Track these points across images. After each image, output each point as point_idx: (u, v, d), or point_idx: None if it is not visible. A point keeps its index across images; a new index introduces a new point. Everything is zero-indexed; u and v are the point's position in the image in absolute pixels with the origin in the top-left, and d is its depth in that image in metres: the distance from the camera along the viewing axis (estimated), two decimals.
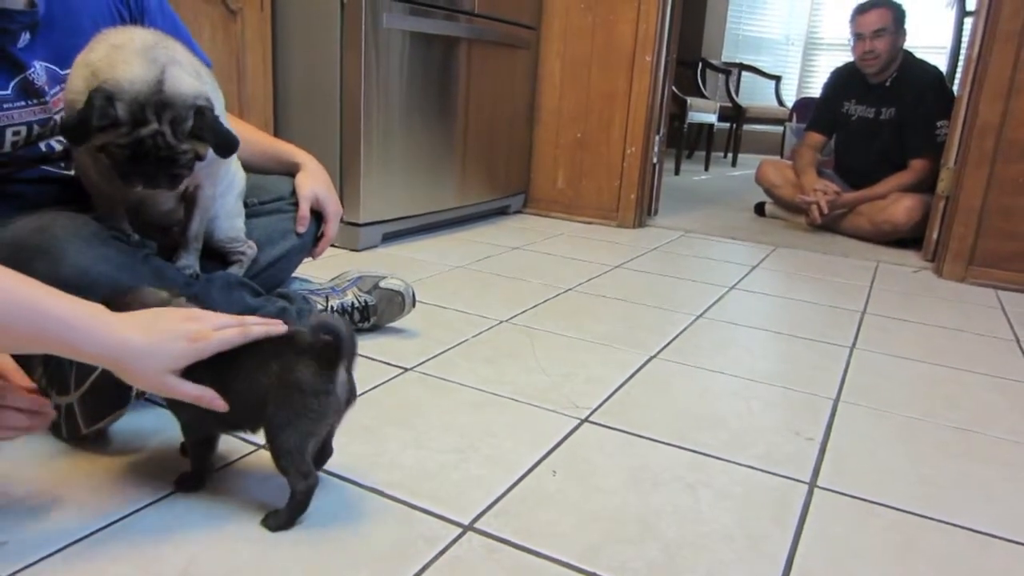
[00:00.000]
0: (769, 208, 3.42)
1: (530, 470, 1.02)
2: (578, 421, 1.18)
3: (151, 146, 0.91)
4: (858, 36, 2.93)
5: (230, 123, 1.39)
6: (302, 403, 0.82)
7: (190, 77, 0.95)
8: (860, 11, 2.95)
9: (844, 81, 3.13)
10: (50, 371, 1.00)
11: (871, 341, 1.67)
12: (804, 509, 0.97)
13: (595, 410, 1.22)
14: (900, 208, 2.79)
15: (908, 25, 2.93)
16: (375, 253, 2.24)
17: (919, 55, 3.00)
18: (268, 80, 2.19)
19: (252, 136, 1.35)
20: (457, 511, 0.91)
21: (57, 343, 0.74)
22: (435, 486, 0.96)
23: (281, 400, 0.82)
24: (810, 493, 1.00)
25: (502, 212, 3.04)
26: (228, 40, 2.06)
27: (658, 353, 1.51)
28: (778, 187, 3.29)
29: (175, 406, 0.88)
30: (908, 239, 2.82)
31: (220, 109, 1.03)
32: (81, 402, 0.97)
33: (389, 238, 2.38)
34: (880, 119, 2.98)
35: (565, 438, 1.12)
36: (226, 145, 0.97)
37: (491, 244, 2.47)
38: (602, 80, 2.90)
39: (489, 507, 0.92)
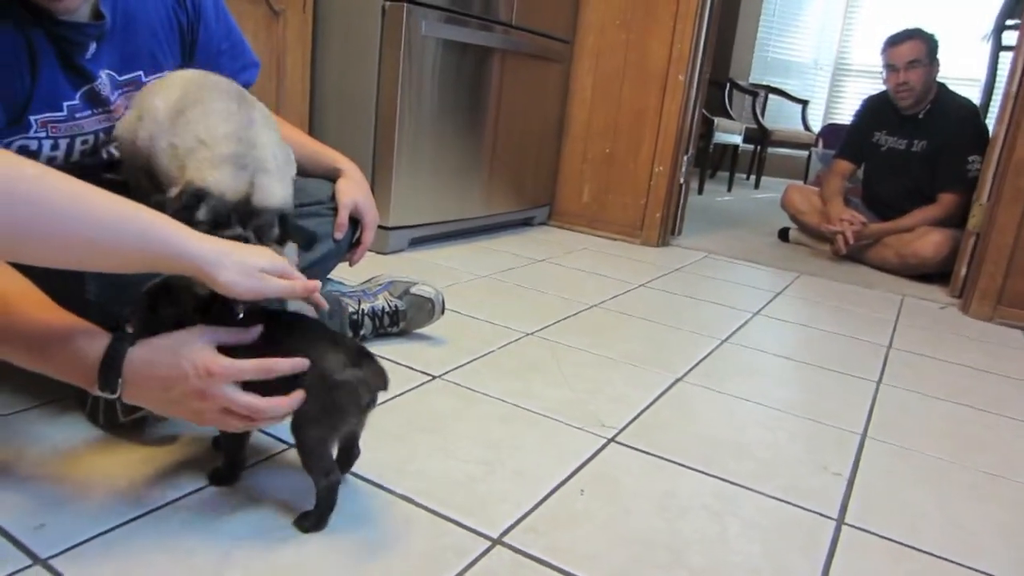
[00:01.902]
0: (793, 234, 3.41)
1: (558, 487, 1.02)
2: (605, 440, 1.18)
3: None
4: (891, 67, 2.92)
5: (282, 127, 1.41)
6: (324, 400, 0.82)
7: (278, 184, 0.94)
8: (893, 42, 2.93)
9: (876, 111, 3.12)
10: None
11: (897, 377, 1.66)
12: (832, 546, 0.96)
13: (622, 430, 1.22)
14: (928, 242, 2.77)
15: (941, 56, 2.92)
16: (402, 257, 2.25)
17: (951, 87, 2.98)
18: (306, 81, 2.22)
19: (298, 139, 1.37)
20: (486, 524, 0.91)
21: (160, 255, 0.75)
22: (463, 497, 0.96)
23: (307, 394, 0.83)
24: (838, 530, 1.00)
25: (526, 223, 3.04)
26: (270, 40, 2.08)
27: (684, 376, 1.51)
28: (804, 214, 3.27)
29: None
30: (934, 273, 2.80)
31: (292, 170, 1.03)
32: None
33: (416, 243, 2.39)
34: (911, 151, 2.97)
35: (592, 457, 1.12)
36: (309, 243, 0.97)
37: (515, 255, 2.47)
38: (633, 97, 2.91)
39: (518, 522, 0.92)
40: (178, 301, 0.86)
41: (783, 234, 3.46)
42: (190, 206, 0.87)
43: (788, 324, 2.05)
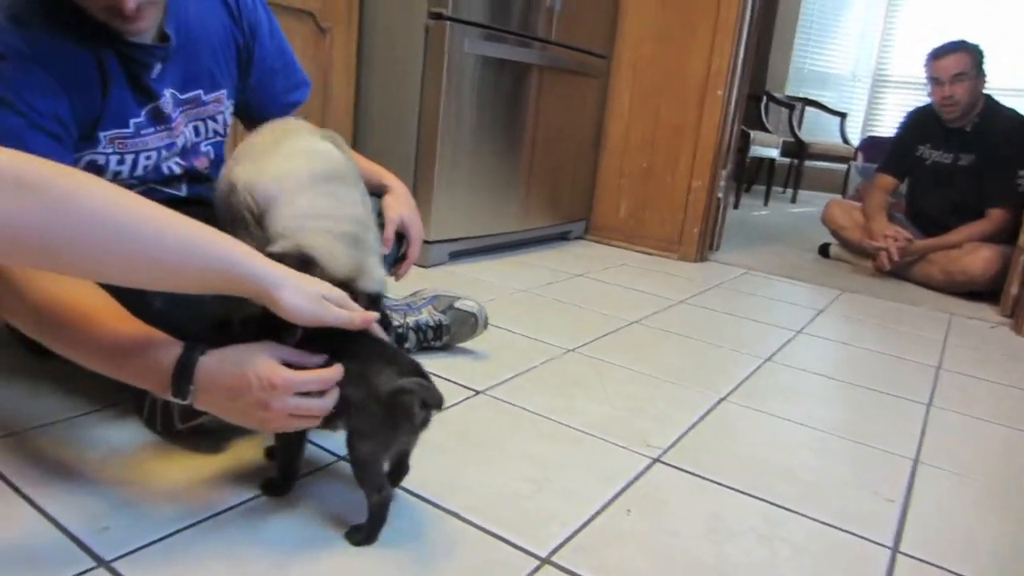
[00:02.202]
0: (834, 250, 3.36)
1: (605, 506, 1.02)
2: (650, 460, 1.17)
3: None
4: (936, 81, 2.87)
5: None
6: (379, 416, 0.83)
7: (379, 268, 0.97)
8: (936, 56, 2.88)
9: (921, 124, 3.07)
10: None
11: (949, 399, 1.63)
12: (888, 575, 0.94)
13: (667, 450, 1.21)
14: (977, 259, 2.71)
15: (987, 66, 2.86)
16: (442, 270, 2.26)
17: (999, 98, 2.92)
18: (351, 97, 2.25)
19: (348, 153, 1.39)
20: (534, 542, 0.91)
21: (227, 277, 0.77)
22: (511, 514, 0.96)
23: (361, 409, 0.84)
24: (893, 559, 0.98)
25: (563, 237, 3.04)
26: (317, 56, 2.12)
27: (727, 395, 1.49)
28: (845, 229, 3.23)
29: None
30: (982, 291, 2.74)
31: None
32: None
33: (455, 256, 2.40)
34: (958, 165, 2.91)
35: (638, 477, 1.11)
36: (387, 327, 1.00)
37: (553, 270, 2.47)
38: (671, 112, 2.90)
39: (566, 541, 0.92)
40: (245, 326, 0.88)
41: (824, 250, 3.41)
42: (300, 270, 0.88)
43: (832, 343, 2.02)
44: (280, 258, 0.88)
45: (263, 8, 1.33)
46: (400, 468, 0.96)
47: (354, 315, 0.84)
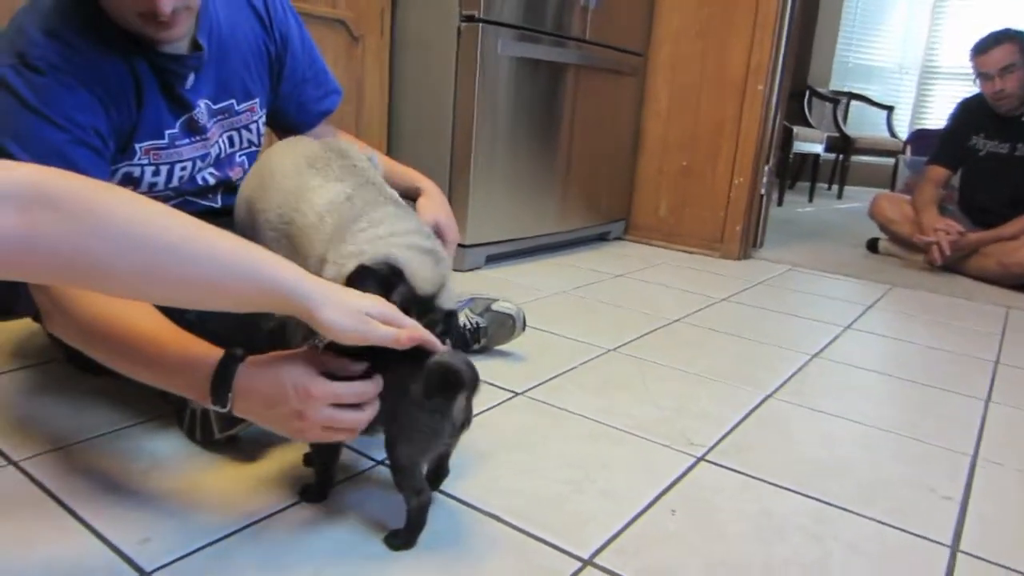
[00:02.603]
0: (883, 244, 3.26)
1: (647, 507, 0.99)
2: (694, 459, 1.14)
3: None
4: (984, 76, 2.77)
5: (354, 143, 1.44)
6: (418, 419, 0.82)
7: (455, 286, 0.95)
8: (981, 50, 2.77)
9: (973, 113, 2.96)
10: None
11: (1008, 395, 1.55)
12: (948, 575, 0.90)
13: (711, 448, 1.18)
14: None
15: None
16: (479, 274, 2.26)
17: None
18: (384, 103, 2.26)
19: (379, 160, 1.39)
20: (576, 544, 0.89)
21: (268, 295, 0.75)
22: (551, 516, 0.95)
23: (400, 414, 0.83)
24: (953, 558, 0.93)
25: (602, 238, 3.02)
26: (350, 64, 2.13)
27: (774, 392, 1.45)
28: (895, 223, 3.13)
29: None
30: None
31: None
32: None
33: (492, 259, 2.40)
34: (1015, 155, 2.80)
35: (682, 476, 1.09)
36: (464, 343, 0.98)
37: (593, 270, 2.45)
38: (711, 108, 2.86)
39: (608, 542, 0.90)
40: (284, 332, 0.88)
41: (872, 245, 3.32)
42: (390, 284, 0.85)
43: (882, 338, 1.95)
44: (368, 272, 0.86)
45: (294, 17, 1.35)
46: (440, 471, 0.96)
47: (400, 332, 0.80)
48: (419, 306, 0.89)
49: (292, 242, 1.00)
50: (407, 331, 0.80)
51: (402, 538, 0.85)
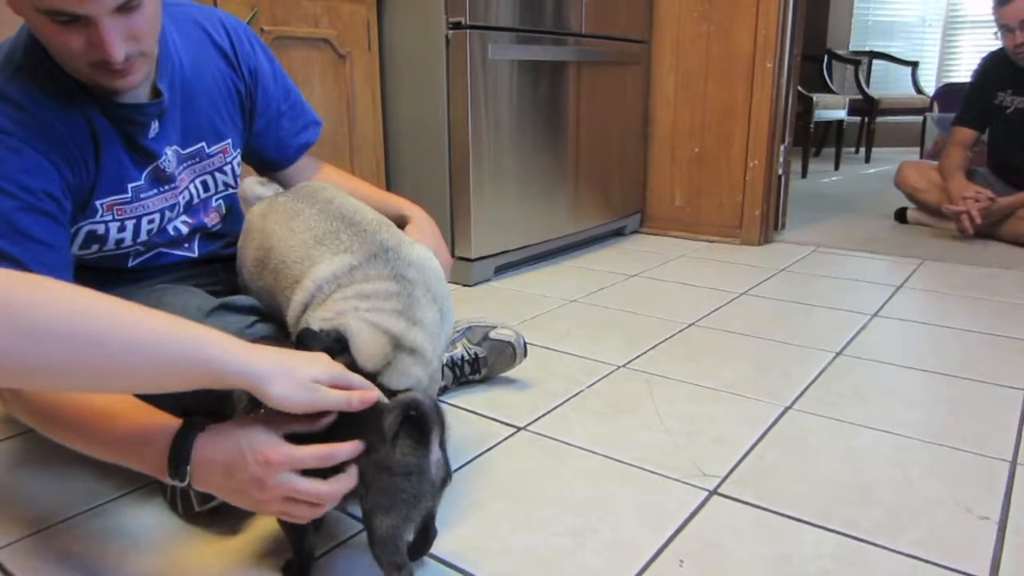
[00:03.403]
0: (912, 214, 3.12)
1: (653, 558, 0.93)
2: (706, 493, 1.07)
3: None
4: (1005, 28, 2.61)
5: (340, 179, 1.38)
6: (393, 485, 0.77)
7: (415, 368, 0.93)
8: (1003, 1, 2.62)
9: (996, 69, 2.81)
10: None
11: None
12: None
13: (724, 479, 1.11)
14: None
15: None
16: (487, 287, 2.20)
17: None
18: (378, 120, 2.21)
19: (362, 190, 1.34)
20: None
21: (206, 376, 0.72)
22: None
23: (373, 483, 0.77)
24: None
25: (619, 233, 2.93)
26: (338, 83, 2.08)
27: (793, 403, 1.37)
28: (922, 191, 2.99)
29: None
30: None
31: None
32: None
33: (501, 270, 2.33)
34: None
35: (692, 516, 1.02)
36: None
37: (607, 272, 2.37)
38: (719, 91, 2.75)
39: None
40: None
41: (900, 215, 3.18)
42: (331, 350, 0.85)
43: (912, 325, 1.85)
44: (311, 335, 0.87)
45: (263, 51, 1.29)
46: (426, 535, 0.90)
47: (351, 395, 0.77)
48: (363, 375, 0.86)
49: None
50: (357, 393, 0.77)
51: None
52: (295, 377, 0.73)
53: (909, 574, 0.89)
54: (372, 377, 0.85)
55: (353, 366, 0.85)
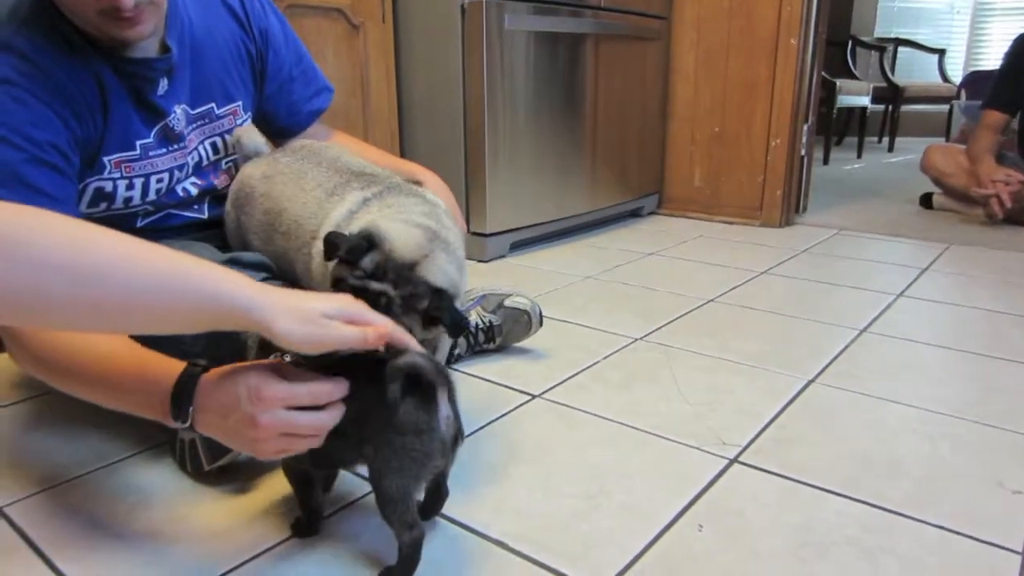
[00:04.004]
0: (938, 199, 3.05)
1: (671, 523, 0.89)
2: (726, 461, 1.04)
3: (372, 300, 0.83)
4: None
5: (352, 144, 1.35)
6: (403, 444, 0.74)
7: (451, 267, 0.89)
8: None
9: None
10: None
11: None
12: None
13: (745, 448, 1.07)
14: None
15: None
16: (503, 263, 2.16)
17: None
18: (392, 92, 2.17)
19: (373, 156, 1.31)
20: (590, 572, 0.80)
21: (212, 311, 0.68)
22: (565, 540, 0.86)
23: (381, 442, 0.74)
24: None
25: (635, 214, 2.89)
26: (351, 54, 2.05)
27: (817, 377, 1.33)
28: (949, 175, 2.92)
29: None
30: None
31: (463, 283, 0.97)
32: (204, 439, 0.94)
33: (517, 247, 2.30)
34: None
35: (711, 483, 0.98)
36: (456, 329, 0.89)
37: (624, 250, 2.33)
38: (741, 69, 2.69)
39: (625, 569, 0.81)
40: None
41: (926, 200, 3.11)
42: (358, 248, 0.83)
43: (940, 305, 1.80)
44: (336, 237, 0.83)
45: (274, 13, 1.26)
46: (438, 492, 0.87)
47: (367, 330, 0.72)
48: (396, 273, 0.83)
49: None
50: (375, 328, 0.72)
51: None
52: (302, 311, 0.69)
53: (938, 545, 0.86)
54: (410, 268, 0.82)
55: (387, 262, 0.82)
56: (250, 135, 1.19)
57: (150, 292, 0.65)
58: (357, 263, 0.84)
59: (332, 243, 0.84)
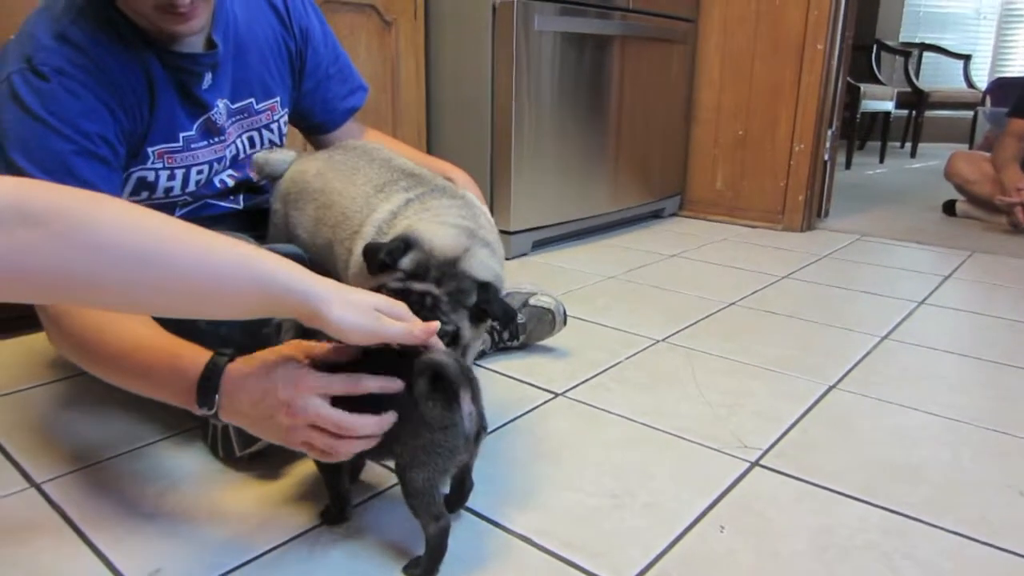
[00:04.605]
0: (961, 207, 3.04)
1: (693, 523, 0.91)
2: (748, 464, 1.05)
3: (416, 302, 0.85)
4: None
5: (386, 142, 1.38)
6: (429, 439, 0.76)
7: (493, 260, 0.91)
8: None
9: None
10: None
11: None
12: None
13: (767, 451, 1.09)
14: None
15: None
16: (525, 261, 2.18)
17: None
18: (421, 88, 2.20)
19: (406, 154, 1.33)
20: (614, 570, 0.82)
21: (266, 297, 0.70)
22: (588, 536, 0.88)
23: (407, 436, 0.77)
24: None
25: (656, 215, 2.89)
26: (383, 50, 2.07)
27: (838, 383, 1.34)
28: (973, 183, 2.91)
29: None
30: None
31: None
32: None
33: (539, 245, 2.32)
34: None
35: (733, 485, 1.00)
36: (507, 319, 0.91)
37: (646, 251, 2.34)
38: (767, 72, 2.69)
39: (647, 568, 0.83)
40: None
41: (949, 207, 3.10)
42: (396, 250, 0.85)
43: (962, 314, 1.80)
44: (373, 245, 0.86)
45: (315, 12, 1.29)
46: (463, 484, 0.89)
47: (414, 327, 0.75)
48: (439, 271, 0.85)
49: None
50: (420, 325, 0.75)
51: (422, 568, 0.79)
52: (355, 303, 0.71)
53: (958, 552, 0.87)
54: (452, 264, 0.83)
55: (428, 261, 0.83)
56: (274, 155, 1.22)
57: (213, 276, 0.67)
58: (396, 266, 0.86)
59: (372, 251, 0.86)
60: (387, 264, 0.87)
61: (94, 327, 0.83)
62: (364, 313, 0.72)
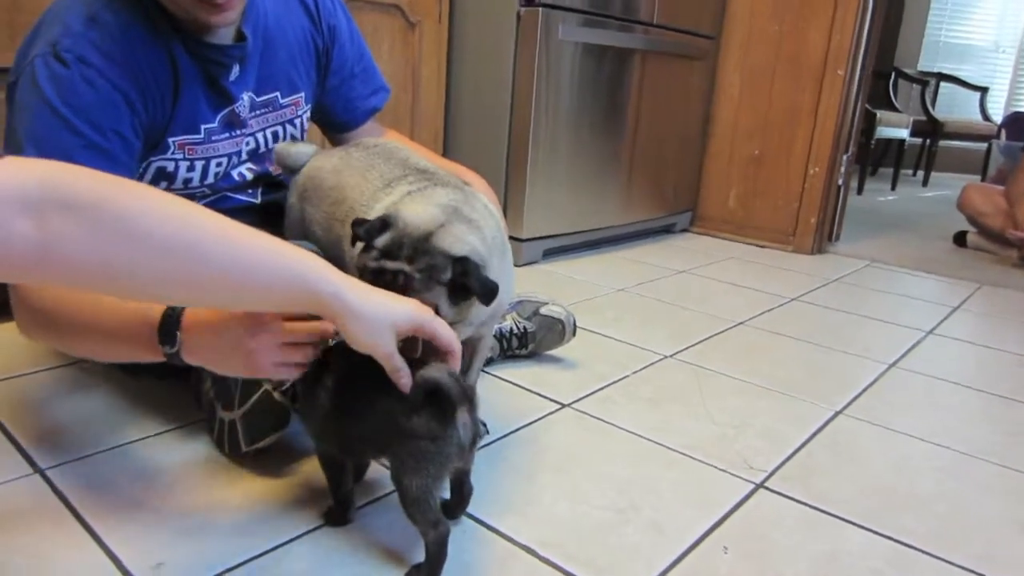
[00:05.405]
0: (972, 238, 3.03)
1: (697, 542, 0.91)
2: (752, 486, 1.05)
3: (390, 281, 0.83)
4: None
5: (402, 142, 1.38)
6: (421, 448, 0.76)
7: (471, 236, 0.88)
8: None
9: None
10: (217, 386, 1.02)
11: None
12: None
13: (772, 474, 1.08)
14: None
15: None
16: (535, 269, 2.19)
17: None
18: (441, 91, 2.20)
19: (422, 155, 1.34)
20: None
21: (299, 289, 0.71)
22: (592, 550, 0.87)
23: (401, 445, 0.77)
24: None
25: (667, 230, 2.90)
26: (406, 51, 2.08)
27: (845, 408, 1.34)
28: (986, 215, 2.91)
29: (303, 415, 0.87)
30: None
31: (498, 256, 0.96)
32: (244, 420, 0.97)
33: (550, 254, 2.32)
34: None
35: (737, 506, 0.99)
36: (488, 294, 0.86)
37: (656, 266, 2.34)
38: (785, 93, 2.69)
39: None
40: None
41: (960, 238, 3.09)
42: (373, 228, 0.85)
43: (969, 345, 1.79)
44: (357, 224, 0.85)
45: (343, 11, 1.30)
46: (462, 489, 0.89)
47: (402, 376, 0.75)
48: (411, 249, 0.83)
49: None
50: (406, 379, 0.76)
51: (424, 575, 0.79)
52: (376, 323, 0.72)
53: None
54: (424, 240, 0.82)
55: (401, 239, 0.83)
56: (296, 147, 1.22)
57: (246, 270, 0.67)
58: (372, 244, 0.85)
59: (354, 228, 0.86)
60: (365, 242, 0.86)
61: (56, 300, 0.83)
62: (379, 335, 0.73)
